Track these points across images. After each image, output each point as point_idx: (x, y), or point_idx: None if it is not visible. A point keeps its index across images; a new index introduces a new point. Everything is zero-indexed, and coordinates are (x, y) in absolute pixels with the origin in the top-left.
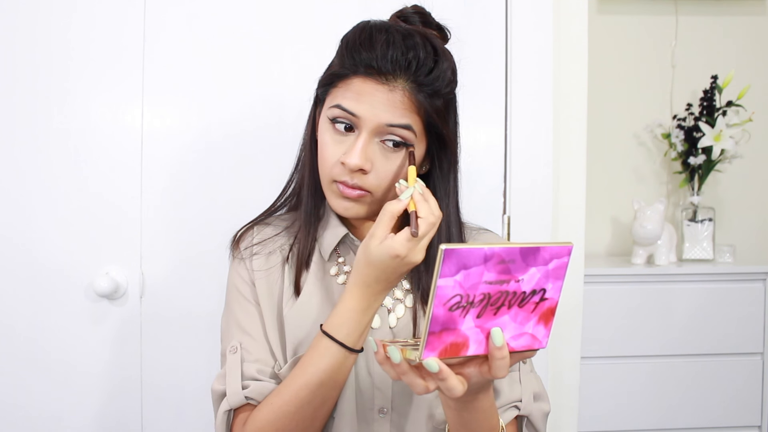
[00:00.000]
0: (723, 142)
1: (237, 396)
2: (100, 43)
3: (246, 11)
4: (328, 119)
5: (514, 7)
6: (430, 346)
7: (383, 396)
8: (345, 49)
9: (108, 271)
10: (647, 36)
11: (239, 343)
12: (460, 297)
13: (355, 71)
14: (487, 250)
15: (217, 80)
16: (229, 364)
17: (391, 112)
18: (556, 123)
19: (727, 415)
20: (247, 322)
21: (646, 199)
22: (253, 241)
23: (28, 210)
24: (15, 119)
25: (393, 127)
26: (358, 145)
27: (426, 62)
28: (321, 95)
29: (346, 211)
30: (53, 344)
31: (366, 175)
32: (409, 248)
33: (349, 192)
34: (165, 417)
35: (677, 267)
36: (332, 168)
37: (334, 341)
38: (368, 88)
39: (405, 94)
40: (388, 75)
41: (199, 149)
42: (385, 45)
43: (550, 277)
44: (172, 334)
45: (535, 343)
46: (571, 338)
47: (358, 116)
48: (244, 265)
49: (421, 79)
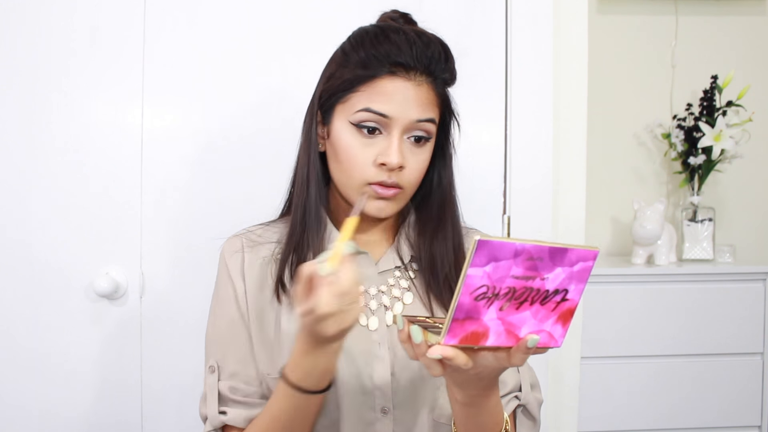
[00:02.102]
0: (723, 142)
1: (216, 419)
2: (101, 43)
3: (246, 11)
4: (351, 124)
5: (514, 7)
6: (452, 333)
7: (384, 395)
8: (363, 52)
9: (108, 271)
10: (647, 36)
11: (216, 362)
12: (487, 288)
13: (379, 72)
14: (518, 246)
15: (217, 80)
16: (208, 385)
17: (420, 108)
18: (556, 123)
19: (727, 415)
20: (225, 338)
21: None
22: (243, 245)
23: (28, 210)
24: (15, 119)
25: (421, 122)
26: (395, 143)
27: (441, 56)
28: (332, 102)
29: (381, 211)
30: (53, 344)
31: (402, 171)
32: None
33: (386, 192)
34: (165, 416)
35: (677, 267)
36: (365, 171)
37: (289, 385)
38: (396, 86)
39: (429, 89)
40: (413, 71)
41: (199, 149)
42: (406, 43)
43: (574, 278)
44: (171, 333)
45: (551, 341)
46: (571, 338)
47: (390, 117)
48: (226, 270)
49: (438, 73)
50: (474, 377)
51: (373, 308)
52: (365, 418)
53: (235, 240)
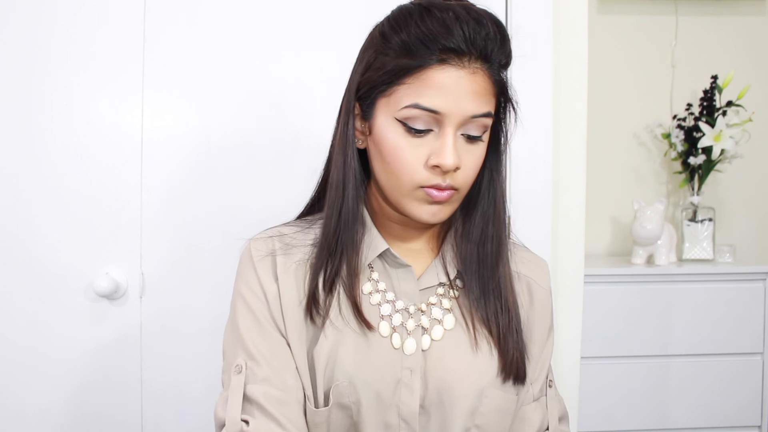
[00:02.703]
0: (723, 142)
1: (235, 426)
2: (101, 43)
3: (246, 11)
4: (396, 120)
5: (514, 7)
6: None
7: (410, 429)
8: (407, 36)
9: (108, 271)
10: (647, 36)
11: (245, 363)
12: None
13: (428, 61)
14: None
15: (218, 80)
16: (233, 386)
17: (476, 101)
18: (556, 123)
19: (727, 415)
20: (255, 340)
21: (646, 199)
22: (276, 248)
23: (28, 210)
24: (15, 119)
25: (477, 118)
26: (449, 143)
27: (495, 36)
28: (373, 95)
29: (434, 216)
30: (53, 344)
31: (456, 172)
32: None
33: (440, 195)
34: (165, 416)
35: (677, 267)
36: (415, 174)
37: None
38: (450, 77)
39: (484, 76)
40: (466, 57)
41: (200, 149)
42: (457, 23)
43: None
44: (171, 334)
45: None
46: (571, 338)
47: (442, 113)
48: (255, 275)
49: (494, 56)
50: None
51: (410, 329)
52: None
53: (267, 242)
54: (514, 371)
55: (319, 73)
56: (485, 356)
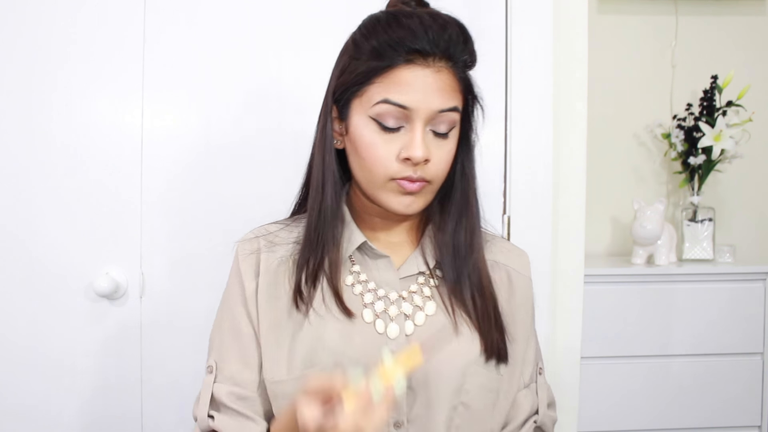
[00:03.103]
0: (723, 142)
1: (204, 422)
2: (100, 43)
3: (245, 11)
4: (370, 118)
5: (514, 7)
6: None
7: (399, 409)
8: (375, 41)
9: (108, 271)
10: (647, 36)
11: (214, 362)
12: None
13: (395, 61)
14: None
15: (217, 80)
16: (204, 385)
17: (441, 96)
18: (556, 123)
19: (727, 415)
20: (227, 339)
21: (646, 199)
22: (261, 247)
23: (28, 210)
24: (15, 119)
25: (444, 112)
26: (418, 136)
27: (459, 38)
28: (347, 97)
29: (408, 207)
30: (53, 344)
31: (427, 165)
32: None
33: (412, 186)
34: (165, 416)
35: (677, 267)
36: (388, 167)
37: None
38: (415, 75)
39: (449, 74)
40: (431, 57)
41: (199, 149)
42: (421, 27)
43: None
44: (171, 334)
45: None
46: (571, 338)
47: (410, 108)
48: (238, 272)
49: (457, 56)
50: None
51: (393, 315)
52: None
53: (253, 241)
54: (495, 351)
55: (319, 72)
56: (466, 338)
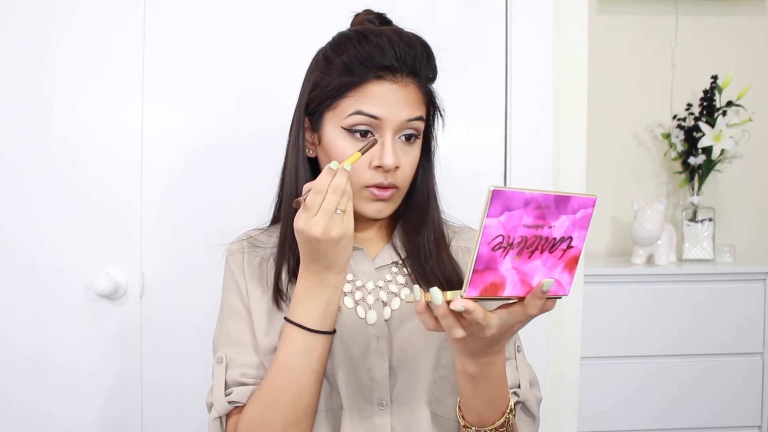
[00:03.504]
0: (723, 142)
1: (221, 404)
2: (100, 43)
3: (245, 11)
4: (342, 129)
5: (514, 7)
6: (473, 284)
7: (382, 389)
8: (347, 57)
9: (108, 271)
10: (647, 36)
11: (225, 354)
12: (502, 237)
13: (366, 77)
14: (528, 195)
15: (217, 80)
16: (216, 375)
17: (409, 108)
18: (556, 123)
19: (727, 415)
20: (233, 332)
21: (646, 199)
22: (244, 247)
23: (29, 210)
24: (15, 119)
25: (411, 121)
26: (388, 145)
27: (422, 55)
28: (320, 109)
29: (380, 212)
30: (53, 344)
31: (396, 172)
32: (304, 221)
33: (384, 193)
34: (165, 416)
35: (677, 267)
36: (361, 175)
37: (292, 323)
38: (384, 90)
39: (415, 88)
40: (398, 73)
41: (199, 149)
42: (390, 46)
43: (577, 225)
44: (171, 333)
45: (560, 289)
46: (571, 338)
47: (381, 118)
48: (232, 274)
49: (422, 71)
50: (488, 342)
51: (371, 303)
52: (363, 412)
53: (237, 243)
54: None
55: None
56: None
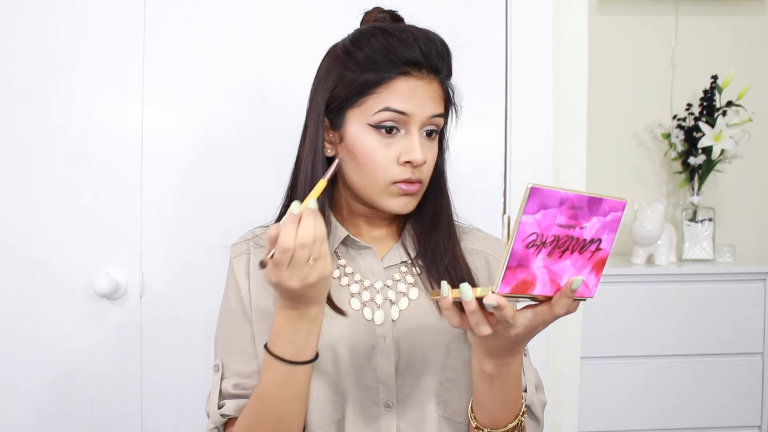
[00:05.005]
0: (723, 142)
1: (215, 416)
2: (100, 42)
3: (245, 10)
4: (369, 126)
5: (514, 7)
6: (506, 281)
7: (388, 390)
8: (371, 51)
9: (108, 271)
10: (647, 36)
11: (221, 362)
12: (536, 235)
13: (392, 73)
14: (563, 194)
15: (217, 79)
16: (213, 383)
17: (433, 104)
18: (556, 123)
19: (727, 415)
20: (231, 338)
21: (646, 199)
22: (249, 248)
23: (29, 210)
24: (15, 119)
25: (435, 117)
26: (416, 140)
27: (443, 52)
28: (343, 107)
29: (405, 207)
30: (53, 344)
31: (422, 167)
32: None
33: (411, 188)
34: (165, 416)
35: (677, 267)
36: (388, 171)
37: (272, 356)
38: (411, 86)
39: (438, 85)
40: (424, 69)
41: (200, 149)
42: (414, 41)
43: (607, 228)
44: (171, 333)
45: (586, 291)
46: (571, 338)
47: (409, 114)
48: (233, 272)
49: (442, 68)
50: (511, 342)
51: (379, 302)
52: (369, 413)
53: (242, 244)
54: None
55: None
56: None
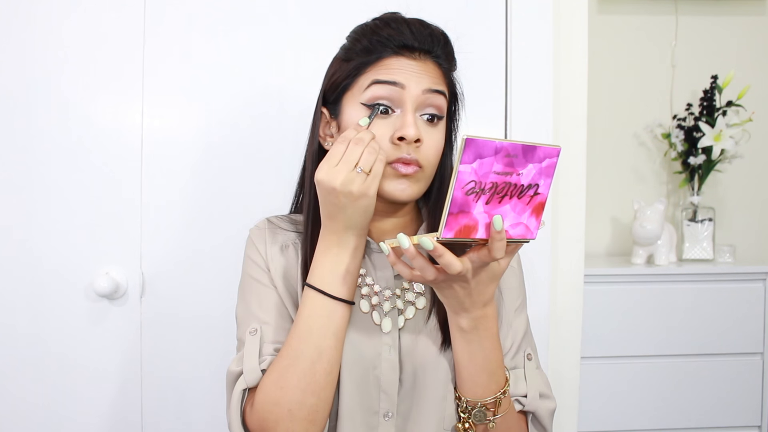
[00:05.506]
0: (723, 142)
1: (254, 373)
2: (100, 42)
3: (245, 10)
4: (362, 105)
5: (514, 7)
6: (449, 226)
7: (389, 400)
8: (366, 40)
9: (108, 271)
10: (647, 36)
11: (259, 326)
12: (474, 183)
13: (384, 53)
14: (497, 144)
15: (217, 79)
16: (248, 345)
17: (429, 78)
18: (556, 123)
19: (727, 415)
20: (264, 308)
21: (646, 199)
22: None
23: (29, 210)
24: (15, 119)
25: (431, 93)
26: (409, 117)
27: (440, 38)
28: (338, 94)
29: (403, 192)
30: (53, 344)
31: (419, 147)
32: (325, 171)
33: (406, 168)
34: (165, 416)
35: (677, 267)
36: (383, 149)
37: (310, 287)
38: (402, 63)
39: (434, 65)
40: (416, 51)
41: (200, 148)
42: (407, 27)
43: (543, 174)
44: (171, 333)
45: (527, 233)
46: (571, 338)
47: (400, 84)
48: (256, 250)
49: (440, 53)
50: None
51: (387, 310)
52: (367, 422)
53: (260, 224)
54: None
55: (320, 72)
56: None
